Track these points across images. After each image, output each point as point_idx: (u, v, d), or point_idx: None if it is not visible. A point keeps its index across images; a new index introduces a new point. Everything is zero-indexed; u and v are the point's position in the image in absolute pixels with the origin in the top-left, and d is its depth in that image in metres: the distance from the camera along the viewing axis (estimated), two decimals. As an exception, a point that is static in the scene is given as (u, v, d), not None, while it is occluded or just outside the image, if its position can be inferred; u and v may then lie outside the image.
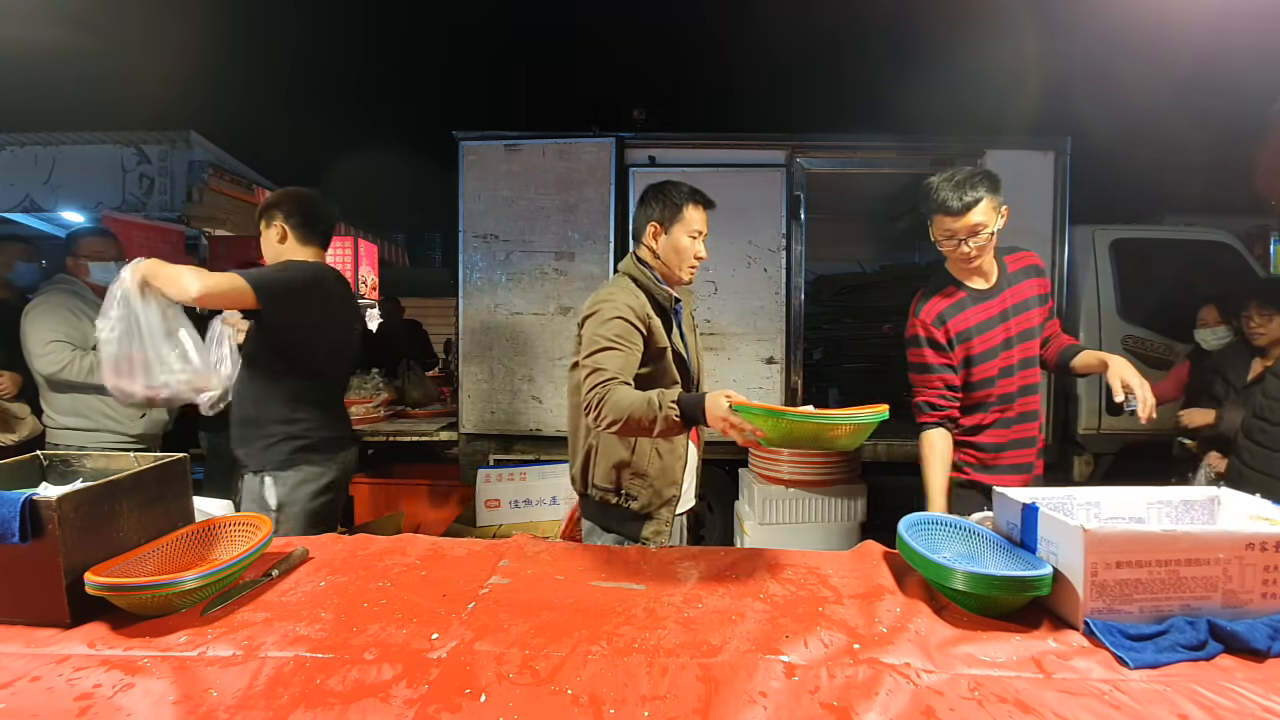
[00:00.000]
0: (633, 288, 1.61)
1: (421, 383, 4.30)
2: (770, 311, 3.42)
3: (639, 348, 1.53)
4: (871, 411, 1.10)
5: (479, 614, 1.06)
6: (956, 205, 1.61)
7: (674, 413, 1.28)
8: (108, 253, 2.55)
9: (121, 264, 2.59)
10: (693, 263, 1.68)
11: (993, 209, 1.63)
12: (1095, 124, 5.58)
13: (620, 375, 1.42)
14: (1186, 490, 1.26)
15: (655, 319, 1.59)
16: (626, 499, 1.65)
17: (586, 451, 1.69)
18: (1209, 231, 3.93)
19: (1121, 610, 0.98)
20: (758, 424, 1.13)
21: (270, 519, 1.32)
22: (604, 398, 1.37)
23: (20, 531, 0.98)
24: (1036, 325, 1.77)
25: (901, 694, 0.85)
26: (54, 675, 0.89)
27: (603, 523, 1.70)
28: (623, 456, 1.63)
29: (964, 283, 1.77)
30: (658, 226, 1.66)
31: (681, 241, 1.65)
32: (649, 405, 1.31)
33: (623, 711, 0.82)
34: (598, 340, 1.49)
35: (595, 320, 1.54)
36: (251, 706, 0.82)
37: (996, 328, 1.74)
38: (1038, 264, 1.81)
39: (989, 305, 1.75)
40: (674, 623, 1.04)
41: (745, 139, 3.51)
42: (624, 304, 1.54)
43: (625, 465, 1.64)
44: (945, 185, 1.63)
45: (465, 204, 3.45)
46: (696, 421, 1.28)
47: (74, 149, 4.27)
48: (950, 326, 1.74)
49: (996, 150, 3.43)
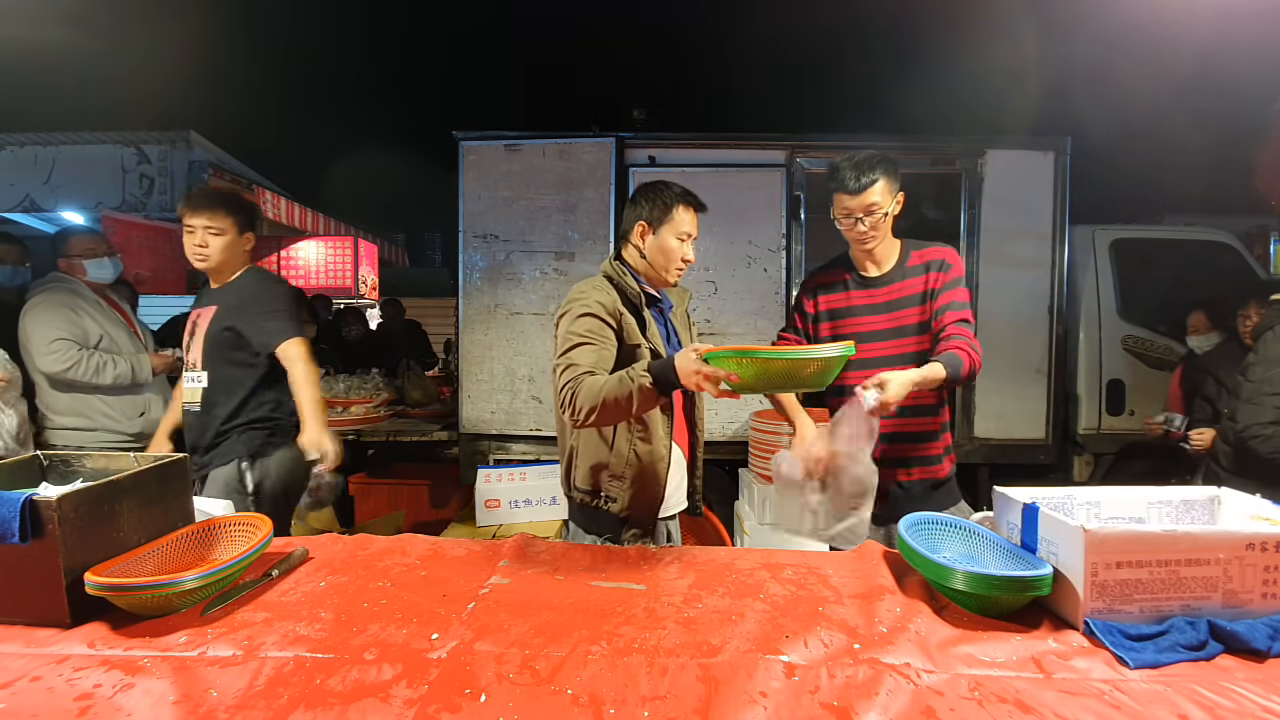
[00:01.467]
0: (605, 285, 1.60)
1: (421, 383, 4.30)
2: (770, 311, 3.42)
3: (612, 343, 1.52)
4: (839, 347, 1.16)
5: (479, 614, 1.06)
6: (854, 185, 1.67)
7: (646, 380, 1.28)
8: (99, 249, 2.56)
9: (114, 259, 2.60)
10: (680, 265, 1.65)
11: (889, 192, 1.69)
12: (1095, 124, 5.58)
13: (594, 370, 1.42)
14: (1186, 490, 1.26)
15: (627, 315, 1.57)
16: (606, 501, 1.62)
17: (569, 453, 1.67)
18: (1209, 231, 3.93)
19: (1122, 610, 0.98)
20: (729, 369, 1.13)
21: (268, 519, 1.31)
22: (576, 390, 1.38)
23: (20, 531, 0.98)
24: (913, 324, 1.72)
25: (901, 694, 0.85)
26: (54, 675, 0.89)
27: (585, 525, 1.67)
28: (601, 458, 1.60)
29: (855, 266, 1.81)
30: (645, 226, 1.63)
31: (669, 243, 1.62)
32: (620, 382, 1.31)
33: (623, 711, 0.82)
34: (570, 338, 1.48)
35: (567, 319, 1.53)
36: (251, 706, 0.82)
37: (879, 315, 1.74)
38: (941, 259, 1.74)
39: (873, 293, 1.76)
40: (674, 623, 1.04)
41: (745, 139, 3.52)
42: (594, 300, 1.53)
43: (604, 467, 1.60)
44: (846, 165, 1.70)
45: (465, 204, 3.45)
46: (672, 384, 1.28)
47: (74, 149, 4.27)
48: (821, 300, 1.81)
49: (997, 150, 3.43)
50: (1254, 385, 2.03)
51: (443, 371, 5.41)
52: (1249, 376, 2.06)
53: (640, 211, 1.64)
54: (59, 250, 2.54)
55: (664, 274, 1.65)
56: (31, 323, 2.37)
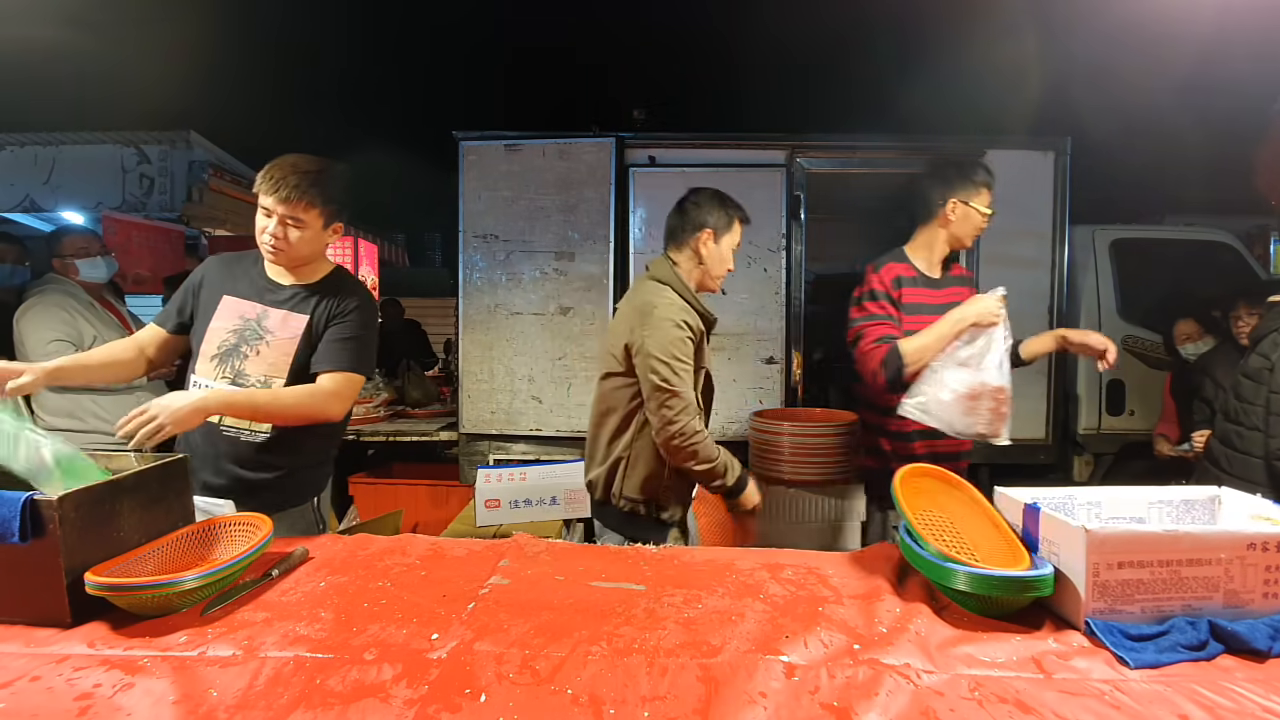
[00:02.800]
0: (683, 303, 1.67)
1: (421, 383, 4.30)
2: (770, 311, 3.42)
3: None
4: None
5: (479, 614, 1.06)
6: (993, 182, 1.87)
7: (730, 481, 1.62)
8: (92, 248, 2.56)
9: (108, 258, 2.59)
10: (725, 275, 1.78)
11: None
12: (1095, 124, 5.58)
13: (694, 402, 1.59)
14: (1187, 490, 1.26)
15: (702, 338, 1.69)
16: (658, 510, 1.69)
17: (615, 462, 1.69)
18: (1209, 231, 3.93)
19: (1123, 610, 0.98)
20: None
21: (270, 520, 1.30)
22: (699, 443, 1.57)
23: (21, 531, 0.98)
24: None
25: (901, 694, 0.85)
26: (54, 675, 0.89)
27: (626, 531, 1.70)
28: (655, 470, 1.66)
29: (919, 264, 1.92)
30: (712, 234, 1.70)
31: (727, 252, 1.73)
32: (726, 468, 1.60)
33: (623, 711, 0.82)
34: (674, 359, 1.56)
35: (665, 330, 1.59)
36: (251, 706, 0.82)
37: (936, 315, 1.79)
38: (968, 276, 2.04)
39: (934, 293, 1.87)
40: (674, 623, 1.04)
41: (745, 139, 3.52)
42: (684, 320, 1.62)
43: (657, 478, 1.67)
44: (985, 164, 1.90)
45: (465, 204, 3.45)
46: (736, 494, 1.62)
47: (74, 149, 4.27)
48: (904, 292, 1.86)
49: (997, 150, 3.42)
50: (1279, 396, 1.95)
51: (443, 371, 5.41)
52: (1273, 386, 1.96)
53: (708, 218, 1.70)
54: (53, 250, 2.54)
55: (716, 282, 1.78)
56: (27, 324, 2.38)
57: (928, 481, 1.26)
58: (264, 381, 1.60)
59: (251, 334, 1.63)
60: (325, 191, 1.60)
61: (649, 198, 3.43)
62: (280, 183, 1.54)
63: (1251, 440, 1.99)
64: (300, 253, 1.62)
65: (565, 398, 3.46)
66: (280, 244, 1.58)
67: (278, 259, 1.63)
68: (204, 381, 1.61)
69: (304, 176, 1.56)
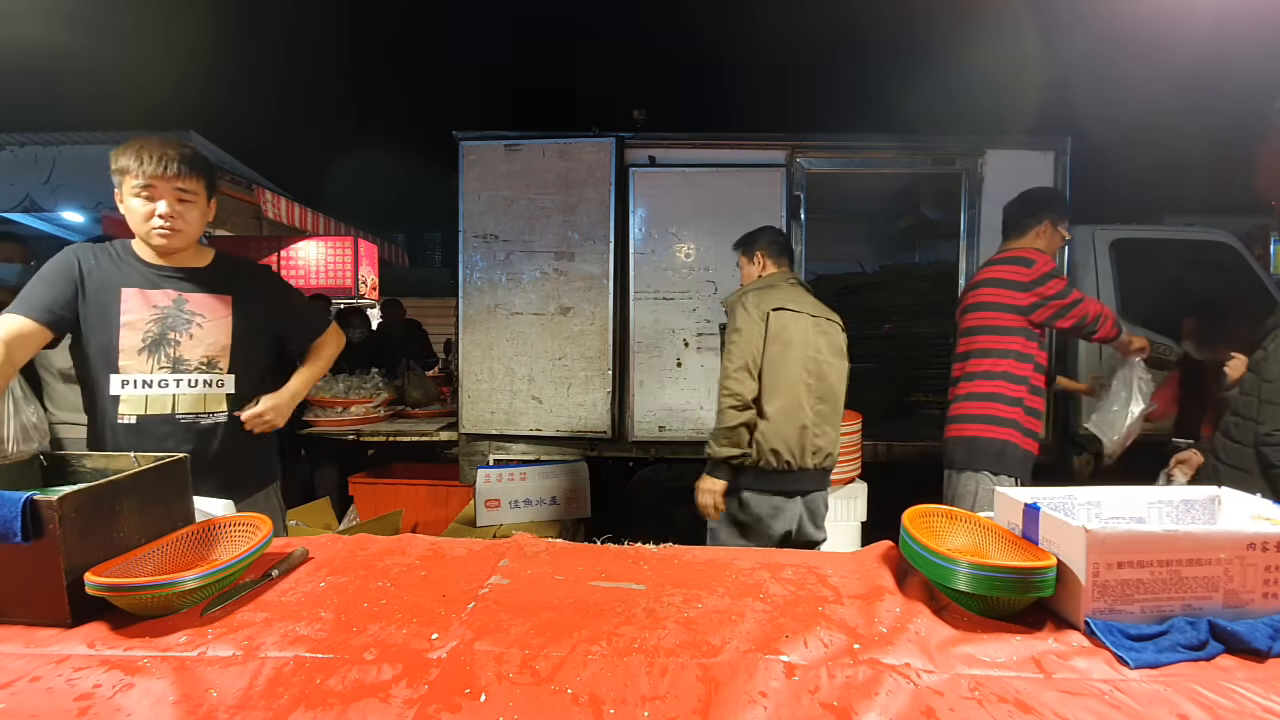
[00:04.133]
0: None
1: (421, 383, 4.30)
2: (770, 311, 3.42)
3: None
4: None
5: (479, 614, 1.06)
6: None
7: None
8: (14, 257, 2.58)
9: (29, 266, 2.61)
10: None
11: None
12: (1095, 124, 5.59)
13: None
14: (1187, 490, 1.26)
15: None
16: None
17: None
18: (1209, 231, 3.93)
19: (1123, 610, 0.98)
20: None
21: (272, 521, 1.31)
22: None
23: (21, 531, 0.98)
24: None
25: (901, 694, 0.85)
26: (54, 675, 0.89)
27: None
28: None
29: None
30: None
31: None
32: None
33: (623, 711, 0.82)
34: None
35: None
36: (251, 707, 0.82)
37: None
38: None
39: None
40: (674, 623, 1.04)
41: (745, 139, 3.52)
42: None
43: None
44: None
45: (465, 204, 3.45)
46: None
47: (74, 149, 4.28)
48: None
49: (996, 150, 3.43)
50: (1272, 385, 1.97)
51: (443, 371, 5.41)
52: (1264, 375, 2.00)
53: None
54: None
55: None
56: None
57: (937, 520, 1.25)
58: (209, 362, 1.64)
59: (175, 320, 1.61)
60: (206, 163, 1.62)
61: (649, 198, 3.43)
62: (165, 160, 1.51)
63: (1245, 429, 2.01)
64: (194, 232, 1.62)
65: (565, 398, 3.46)
66: (177, 223, 1.56)
67: (173, 240, 1.58)
68: (138, 377, 1.57)
69: (181, 149, 1.56)
